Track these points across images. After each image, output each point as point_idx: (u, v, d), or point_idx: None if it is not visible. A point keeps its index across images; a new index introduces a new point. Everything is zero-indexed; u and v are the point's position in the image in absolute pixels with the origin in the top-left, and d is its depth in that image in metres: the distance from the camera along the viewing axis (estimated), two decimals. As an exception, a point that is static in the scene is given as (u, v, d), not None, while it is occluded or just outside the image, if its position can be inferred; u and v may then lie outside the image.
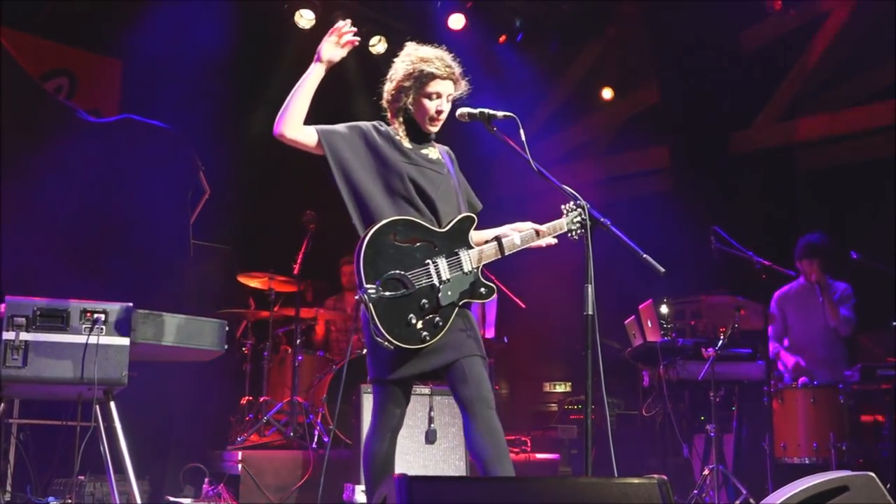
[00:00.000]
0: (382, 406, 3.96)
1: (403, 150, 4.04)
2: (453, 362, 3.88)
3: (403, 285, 3.74)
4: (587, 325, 3.73)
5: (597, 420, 7.30)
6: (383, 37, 9.64)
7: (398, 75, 4.07)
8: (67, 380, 4.32)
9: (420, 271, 3.82)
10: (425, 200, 3.98)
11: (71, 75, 8.24)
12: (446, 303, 3.85)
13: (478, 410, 3.84)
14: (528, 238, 4.11)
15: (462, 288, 3.92)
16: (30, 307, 4.33)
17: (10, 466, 6.10)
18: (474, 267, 3.97)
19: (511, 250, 4.06)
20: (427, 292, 3.81)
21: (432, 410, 6.31)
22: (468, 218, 4.03)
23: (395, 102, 4.10)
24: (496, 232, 4.12)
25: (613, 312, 7.75)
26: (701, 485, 6.58)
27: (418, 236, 3.86)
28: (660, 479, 3.04)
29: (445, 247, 3.92)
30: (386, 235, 3.79)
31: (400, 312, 3.73)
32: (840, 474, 3.64)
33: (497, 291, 8.04)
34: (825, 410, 6.62)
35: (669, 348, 7.22)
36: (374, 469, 3.94)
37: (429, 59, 4.06)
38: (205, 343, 5.05)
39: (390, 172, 3.96)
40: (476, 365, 3.92)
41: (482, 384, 3.89)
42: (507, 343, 8.57)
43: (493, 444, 3.78)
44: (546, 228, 4.14)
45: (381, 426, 3.97)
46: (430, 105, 4.06)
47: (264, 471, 6.38)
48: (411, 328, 3.74)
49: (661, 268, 3.82)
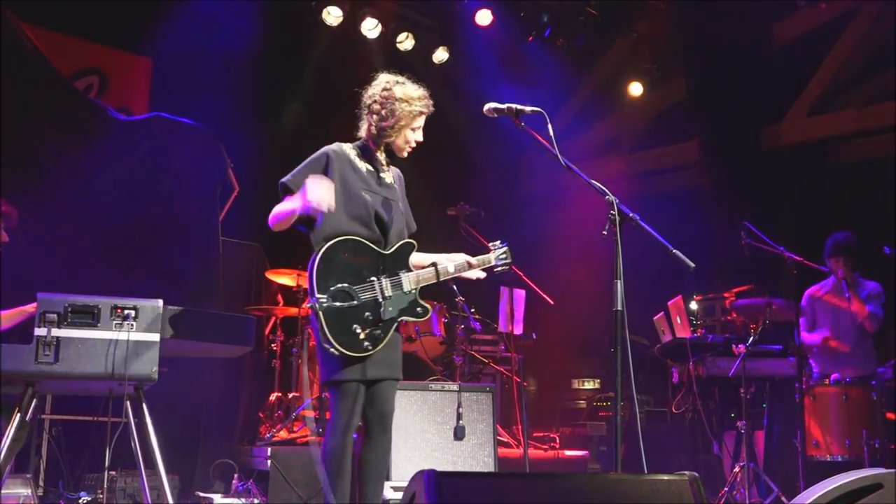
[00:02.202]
0: (336, 405, 4.18)
1: (365, 178, 4.37)
2: (382, 379, 4.26)
3: (351, 297, 4.09)
4: (616, 321, 3.72)
5: (626, 417, 7.25)
6: (411, 34, 9.64)
7: (398, 114, 4.35)
8: (98, 375, 4.34)
9: (366, 286, 4.16)
10: (380, 225, 4.32)
11: (101, 73, 8.28)
12: (387, 317, 4.18)
13: (375, 433, 4.29)
14: (461, 268, 4.51)
15: (401, 305, 4.26)
16: (61, 304, 4.36)
17: (43, 461, 6.17)
18: (413, 288, 4.31)
19: (445, 276, 4.44)
20: (371, 306, 4.15)
21: (461, 407, 6.31)
22: (410, 244, 4.38)
23: (383, 135, 4.40)
24: (433, 259, 4.49)
25: (642, 309, 7.71)
26: (731, 482, 6.53)
27: (366, 256, 4.22)
28: (691, 475, 3.02)
29: (388, 267, 4.27)
30: (338, 252, 4.14)
31: (346, 322, 4.07)
32: (873, 472, 3.58)
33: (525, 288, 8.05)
34: (858, 407, 6.55)
35: (699, 344, 7.17)
36: (331, 464, 4.17)
37: (420, 98, 4.40)
38: (234, 339, 5.06)
39: (353, 198, 4.28)
40: (393, 389, 4.35)
41: (388, 408, 4.32)
42: (535, 339, 8.54)
43: (375, 465, 4.28)
44: (476, 262, 4.56)
45: (336, 424, 4.18)
46: (412, 137, 4.43)
47: (293, 467, 6.39)
48: (355, 337, 4.07)
49: (691, 263, 3.79)
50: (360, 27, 9.32)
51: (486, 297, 8.51)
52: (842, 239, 7.21)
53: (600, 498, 2.90)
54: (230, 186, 7.40)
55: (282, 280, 7.84)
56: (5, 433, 4.36)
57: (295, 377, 7.76)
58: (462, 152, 10.46)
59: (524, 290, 8.26)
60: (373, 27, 9.35)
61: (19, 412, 4.37)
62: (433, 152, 5.21)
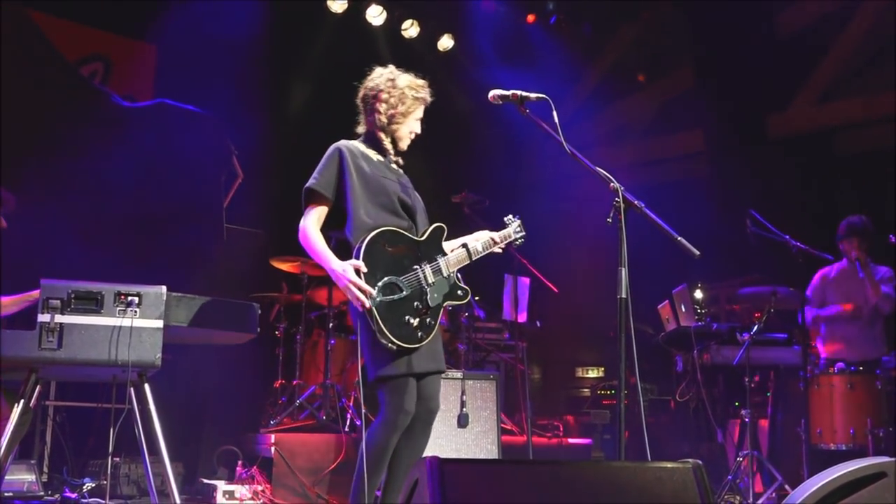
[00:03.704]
0: (388, 401, 4.11)
1: (381, 168, 4.33)
2: (433, 372, 4.23)
3: (399, 289, 4.04)
4: (620, 308, 3.71)
5: (630, 405, 7.26)
6: (416, 21, 9.62)
7: (407, 100, 4.35)
8: (101, 362, 4.34)
9: (411, 276, 4.12)
10: (406, 210, 4.29)
11: (106, 60, 8.27)
12: (434, 304, 4.16)
13: (417, 429, 4.22)
14: (487, 244, 4.50)
15: (444, 290, 4.24)
16: (64, 290, 4.35)
17: (47, 448, 6.18)
18: (452, 271, 4.30)
19: (476, 256, 4.43)
20: (418, 295, 4.12)
21: (464, 395, 6.32)
22: (441, 227, 4.37)
23: (392, 123, 4.37)
24: (461, 240, 4.47)
25: (647, 297, 7.70)
26: (735, 471, 6.53)
27: (404, 245, 4.18)
28: (695, 463, 3.01)
29: (426, 254, 4.24)
30: (378, 244, 4.09)
31: (398, 315, 4.02)
32: (877, 461, 3.57)
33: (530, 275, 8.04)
34: (862, 396, 6.55)
35: (703, 333, 7.17)
36: (371, 458, 4.06)
37: (423, 86, 4.43)
38: (237, 326, 5.06)
39: (377, 188, 4.25)
40: (439, 384, 4.33)
41: (434, 406, 4.27)
42: (539, 327, 8.54)
43: (408, 459, 4.17)
44: (499, 237, 4.56)
45: (387, 420, 4.10)
46: (415, 127, 4.44)
47: (297, 453, 6.40)
48: (410, 328, 4.04)
49: (696, 250, 3.78)
50: (365, 14, 9.31)
51: (491, 285, 8.51)
52: (857, 221, 7.21)
53: (603, 485, 2.90)
54: (234, 173, 7.40)
55: (286, 267, 7.83)
56: (9, 419, 4.37)
57: (299, 364, 7.76)
58: (467, 140, 10.45)
59: (529, 278, 8.26)
60: (378, 14, 9.33)
61: (23, 398, 4.38)
62: (438, 140, 5.21)
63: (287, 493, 6.30)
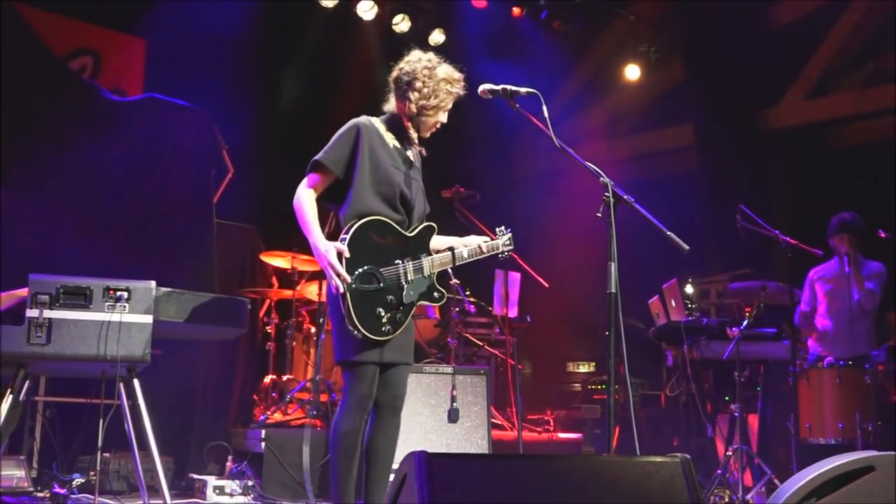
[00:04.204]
0: (351, 387, 4.12)
1: (394, 156, 4.28)
2: (396, 364, 4.20)
3: (377, 280, 4.04)
4: (610, 303, 3.71)
5: (620, 400, 7.27)
6: (407, 15, 9.60)
7: (442, 94, 4.30)
8: (90, 357, 4.34)
9: (391, 269, 4.11)
10: (404, 206, 4.25)
11: (95, 54, 8.23)
12: (408, 301, 4.13)
13: (386, 416, 4.23)
14: (474, 253, 4.49)
15: (421, 290, 4.22)
16: (53, 285, 4.35)
17: (37, 443, 6.17)
18: (432, 272, 4.28)
19: (460, 261, 4.43)
20: (394, 289, 4.10)
21: (455, 389, 6.31)
22: (431, 227, 4.35)
23: (422, 114, 4.31)
24: (449, 243, 4.45)
25: (637, 292, 7.71)
26: (725, 465, 6.54)
27: (391, 237, 4.16)
28: (682, 457, 3.01)
29: (411, 250, 4.22)
30: (366, 231, 4.08)
31: (370, 305, 4.01)
32: (866, 454, 3.59)
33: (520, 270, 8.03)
34: (851, 390, 6.56)
35: (693, 328, 7.17)
36: (340, 446, 4.09)
37: (459, 80, 4.37)
38: (228, 321, 5.06)
39: (382, 176, 4.19)
40: (406, 374, 4.30)
41: (400, 392, 4.27)
42: (530, 322, 8.54)
43: (384, 448, 4.21)
44: (486, 248, 4.54)
45: (349, 405, 4.10)
46: (443, 118, 4.40)
47: (287, 449, 6.39)
48: (378, 321, 4.02)
49: (685, 245, 3.79)
50: (355, 9, 9.29)
51: (481, 280, 8.51)
52: (848, 217, 7.21)
53: (591, 479, 2.90)
54: (225, 168, 7.39)
55: (276, 262, 7.83)
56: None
57: (289, 359, 7.76)
58: (457, 134, 10.40)
59: (519, 273, 8.26)
60: (369, 9, 9.30)
61: (11, 394, 4.37)
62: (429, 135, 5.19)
63: (277, 488, 6.29)
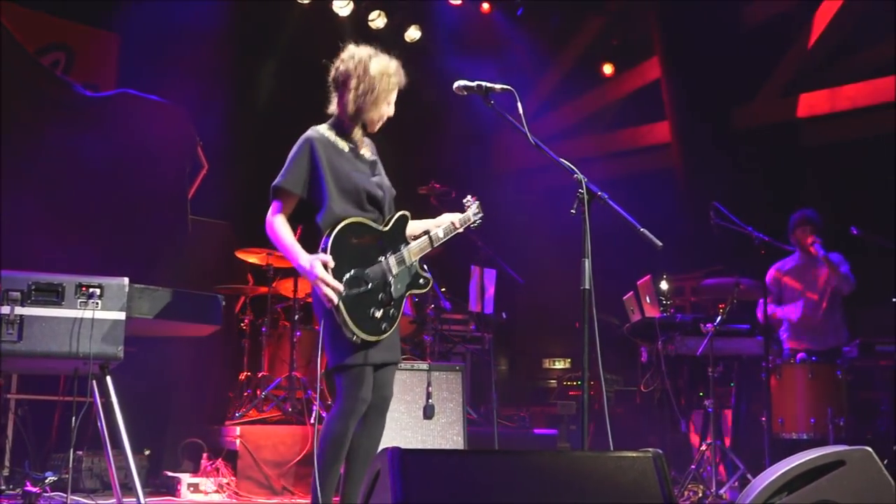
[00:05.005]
0: (345, 390, 4.08)
1: (351, 159, 4.23)
2: (386, 364, 4.19)
3: (364, 282, 4.01)
4: (584, 299, 3.72)
5: (594, 395, 7.29)
6: (383, 12, 9.59)
7: (377, 89, 4.22)
8: (62, 354, 4.31)
9: (376, 268, 4.08)
10: (374, 203, 4.23)
11: (68, 50, 8.17)
12: (397, 295, 4.14)
13: (373, 417, 4.20)
14: (449, 230, 4.49)
15: (406, 280, 4.22)
16: (25, 281, 4.32)
17: (9, 441, 6.12)
18: (414, 260, 4.27)
19: (437, 243, 4.41)
20: (382, 286, 4.09)
21: (430, 386, 6.31)
22: (405, 216, 4.33)
23: (361, 110, 4.24)
24: (423, 226, 4.43)
25: (612, 288, 7.74)
26: (699, 460, 6.58)
27: (369, 236, 4.14)
28: (655, 452, 3.03)
29: (390, 243, 4.20)
30: (345, 236, 4.03)
31: (364, 308, 3.99)
32: (837, 449, 3.63)
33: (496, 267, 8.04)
34: (823, 386, 6.62)
35: (668, 324, 7.21)
36: (329, 448, 4.04)
37: (395, 71, 4.30)
38: (202, 318, 5.04)
39: (346, 184, 4.15)
40: (393, 374, 4.30)
41: (388, 393, 4.27)
42: (505, 319, 8.55)
43: (366, 449, 4.17)
44: (458, 222, 4.54)
45: (343, 409, 4.06)
46: (387, 111, 4.31)
47: (262, 446, 6.39)
48: (375, 321, 4.02)
49: (658, 241, 3.80)
50: (331, 4, 9.26)
51: (457, 276, 8.51)
52: (809, 212, 7.33)
53: (565, 474, 2.91)
54: (199, 164, 7.35)
55: (252, 259, 7.80)
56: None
57: (265, 356, 7.73)
58: (433, 131, 10.43)
59: (495, 270, 8.27)
60: (344, 5, 9.28)
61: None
62: (404, 130, 5.18)
63: (252, 486, 6.29)
